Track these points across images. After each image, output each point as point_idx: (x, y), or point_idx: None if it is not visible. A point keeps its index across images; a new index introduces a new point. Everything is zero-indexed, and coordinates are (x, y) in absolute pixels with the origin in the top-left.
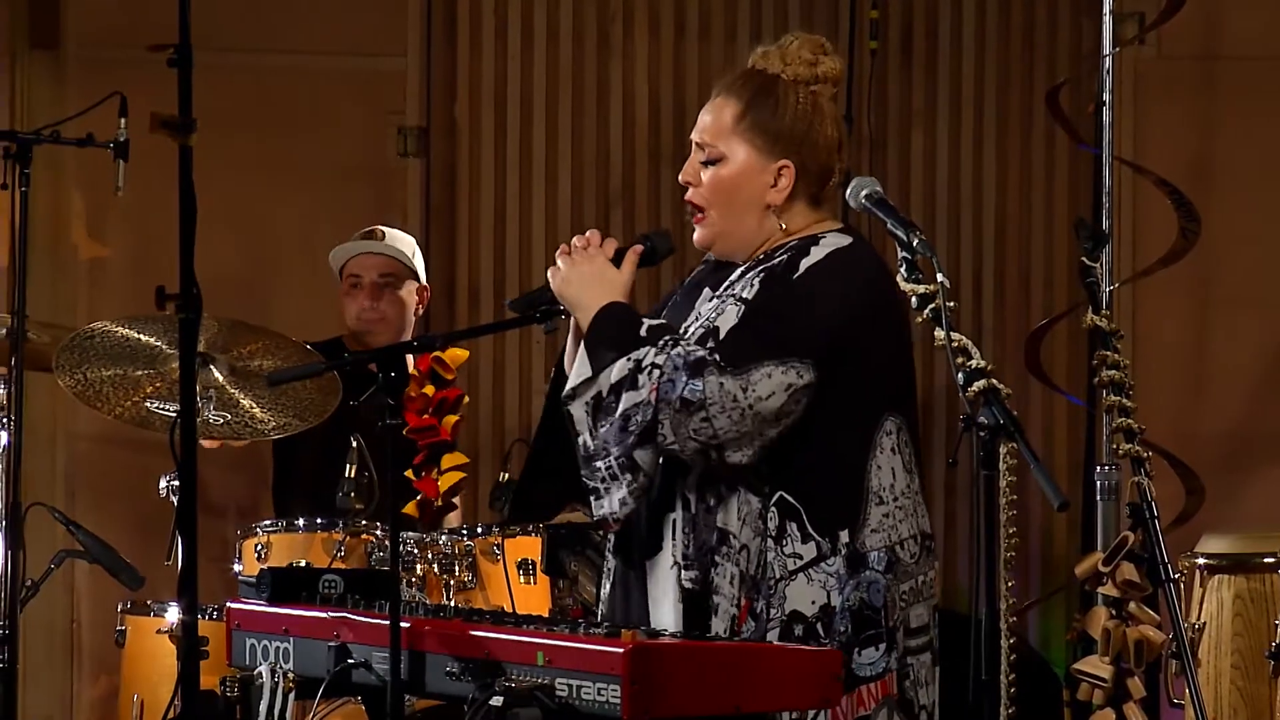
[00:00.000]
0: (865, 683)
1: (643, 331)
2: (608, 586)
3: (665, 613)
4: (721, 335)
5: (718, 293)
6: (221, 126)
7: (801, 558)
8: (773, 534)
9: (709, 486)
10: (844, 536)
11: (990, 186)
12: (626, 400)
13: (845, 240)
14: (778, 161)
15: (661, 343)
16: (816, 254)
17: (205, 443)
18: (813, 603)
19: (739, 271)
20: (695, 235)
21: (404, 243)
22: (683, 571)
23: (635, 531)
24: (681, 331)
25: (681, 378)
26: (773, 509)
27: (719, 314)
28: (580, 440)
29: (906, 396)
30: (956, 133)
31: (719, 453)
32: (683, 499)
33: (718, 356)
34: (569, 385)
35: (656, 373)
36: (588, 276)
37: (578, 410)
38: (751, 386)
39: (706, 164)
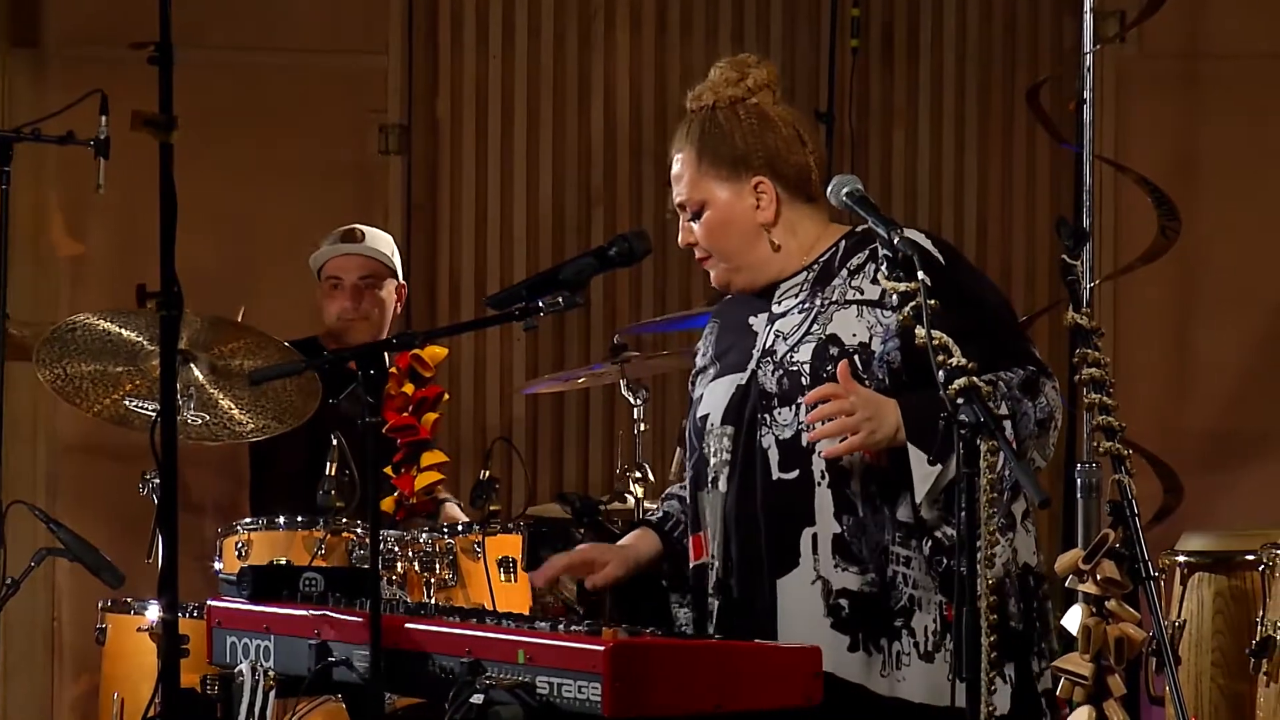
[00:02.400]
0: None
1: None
2: (709, 629)
3: (806, 627)
4: (883, 351)
5: (781, 309)
6: (202, 124)
7: (1013, 513)
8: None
9: (877, 485)
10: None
11: (971, 184)
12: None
13: None
14: (750, 182)
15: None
16: (913, 234)
17: None
18: (1033, 552)
19: (797, 284)
20: (712, 278)
21: (383, 242)
22: (850, 578)
23: (750, 561)
24: (762, 351)
25: (1025, 402)
26: None
27: (826, 324)
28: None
29: None
30: (938, 131)
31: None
32: (840, 507)
33: (1011, 361)
34: (923, 494)
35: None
36: (874, 409)
37: (930, 513)
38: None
39: (695, 219)
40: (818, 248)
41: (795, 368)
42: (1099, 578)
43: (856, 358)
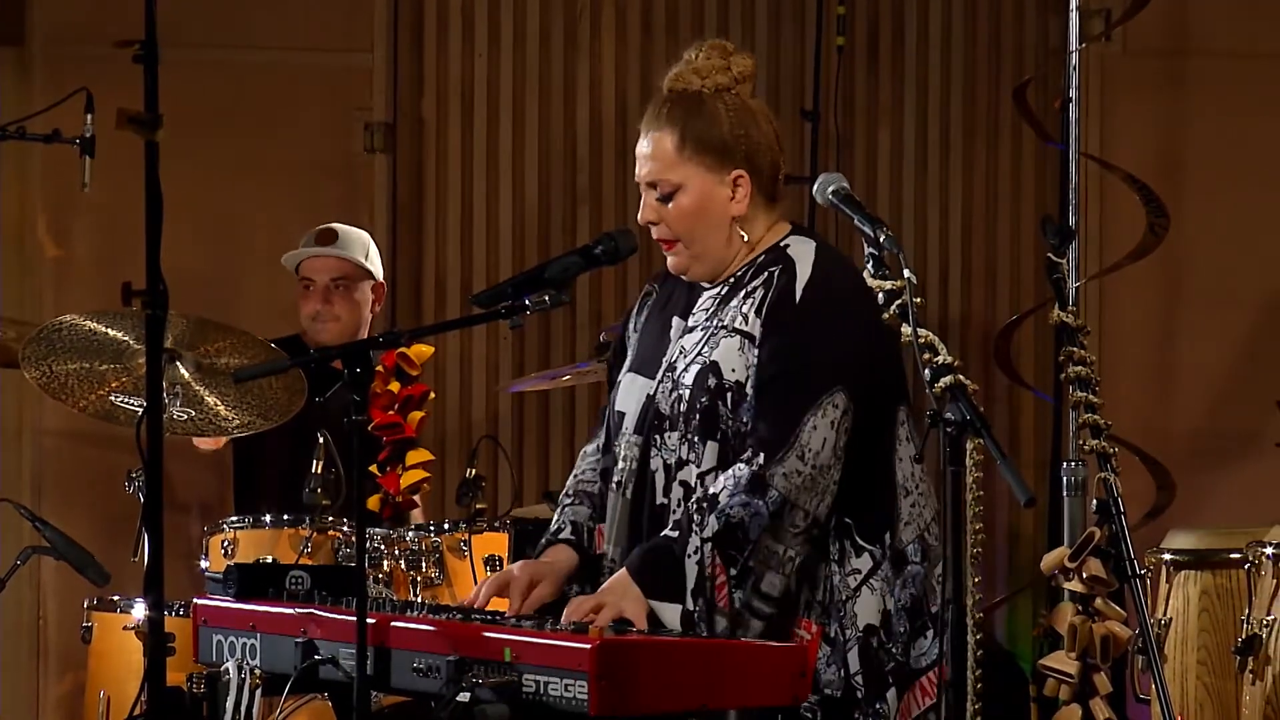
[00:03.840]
0: (922, 674)
1: (675, 536)
2: None
3: None
4: (750, 395)
5: (693, 321)
6: (188, 122)
7: (860, 571)
8: (835, 557)
9: None
10: (887, 539)
11: (957, 183)
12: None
13: (810, 242)
14: (731, 173)
15: (698, 518)
16: (802, 269)
17: (203, 443)
18: (878, 611)
19: (713, 296)
20: (670, 262)
21: (356, 243)
22: None
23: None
24: (667, 365)
25: (754, 502)
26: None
27: (714, 348)
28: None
29: (904, 381)
30: (923, 129)
31: (816, 522)
32: None
33: (761, 434)
34: (676, 624)
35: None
36: (621, 600)
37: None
38: (806, 449)
39: (663, 200)
40: (754, 254)
41: (683, 391)
42: (1085, 576)
43: (730, 395)
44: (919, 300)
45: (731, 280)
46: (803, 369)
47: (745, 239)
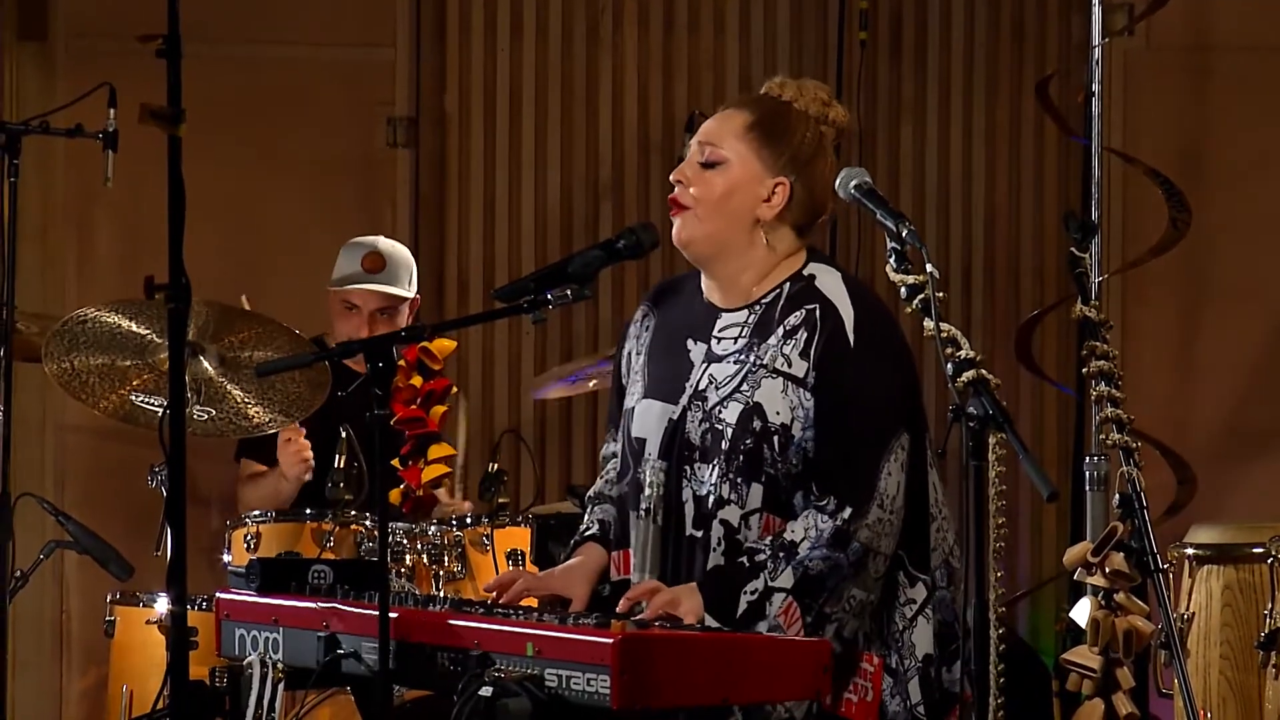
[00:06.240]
0: (956, 700)
1: (745, 570)
2: None
3: None
4: (799, 437)
5: (720, 349)
6: (210, 117)
7: (915, 601)
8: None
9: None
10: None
11: (980, 177)
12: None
13: (835, 273)
14: (776, 177)
15: (771, 565)
16: (843, 308)
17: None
18: (933, 640)
19: (739, 324)
20: (675, 230)
21: (402, 270)
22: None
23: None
24: (694, 392)
25: (835, 555)
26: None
27: (755, 387)
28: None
29: (923, 406)
30: (946, 123)
31: (889, 561)
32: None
33: (840, 486)
34: None
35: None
36: (682, 595)
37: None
38: (885, 497)
39: (704, 166)
40: (772, 278)
41: (721, 427)
42: (1108, 570)
43: (776, 439)
44: (941, 295)
45: (759, 309)
46: (871, 416)
47: (772, 248)
